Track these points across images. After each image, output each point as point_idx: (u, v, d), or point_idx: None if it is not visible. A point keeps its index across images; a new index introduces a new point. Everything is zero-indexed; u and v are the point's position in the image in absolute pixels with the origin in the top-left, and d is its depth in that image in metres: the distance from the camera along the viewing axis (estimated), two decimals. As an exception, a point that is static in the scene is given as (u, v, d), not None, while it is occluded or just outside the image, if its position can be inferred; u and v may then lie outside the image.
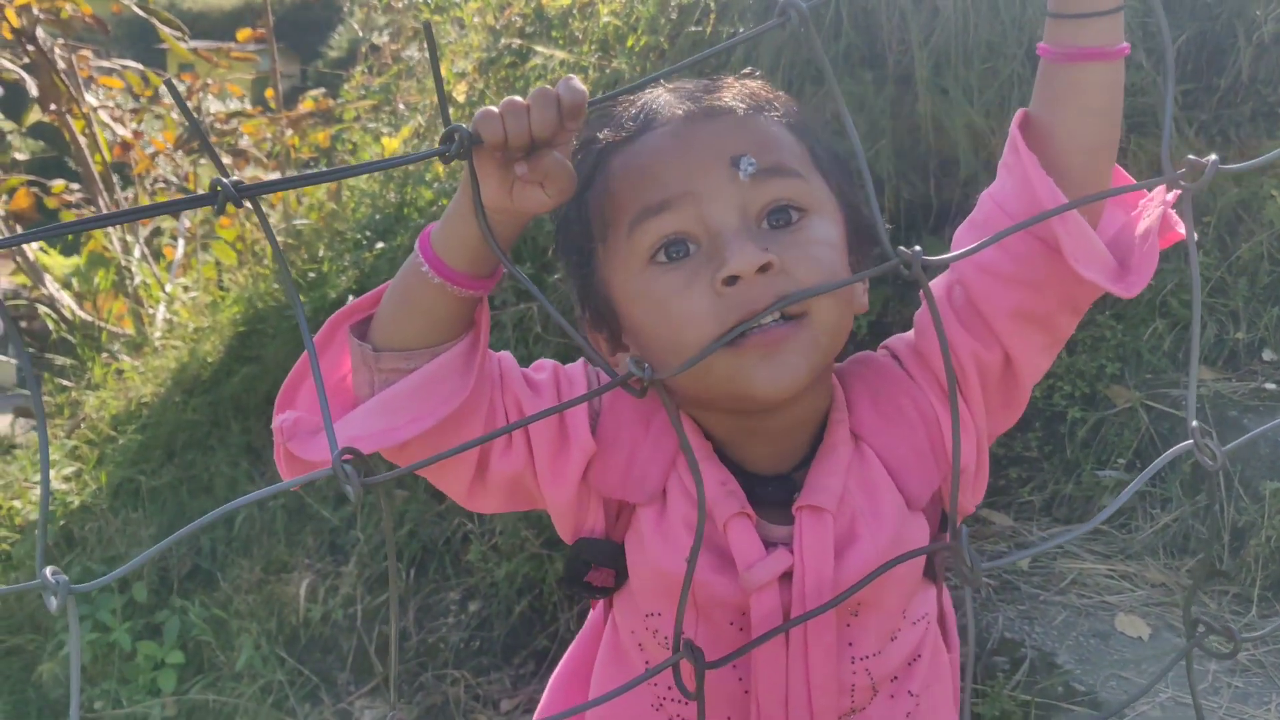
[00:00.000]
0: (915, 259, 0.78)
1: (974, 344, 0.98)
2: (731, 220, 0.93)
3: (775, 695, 0.99)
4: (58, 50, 5.20)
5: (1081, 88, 0.94)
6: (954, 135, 2.94)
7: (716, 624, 1.00)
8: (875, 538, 0.97)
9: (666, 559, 0.98)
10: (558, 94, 0.84)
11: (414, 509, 3.32)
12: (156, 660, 3.42)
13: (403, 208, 3.68)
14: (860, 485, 0.99)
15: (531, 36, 3.62)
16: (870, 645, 1.01)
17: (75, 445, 4.19)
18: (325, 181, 0.93)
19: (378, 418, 0.93)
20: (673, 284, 0.94)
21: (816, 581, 0.95)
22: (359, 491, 0.71)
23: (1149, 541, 2.62)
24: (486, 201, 0.84)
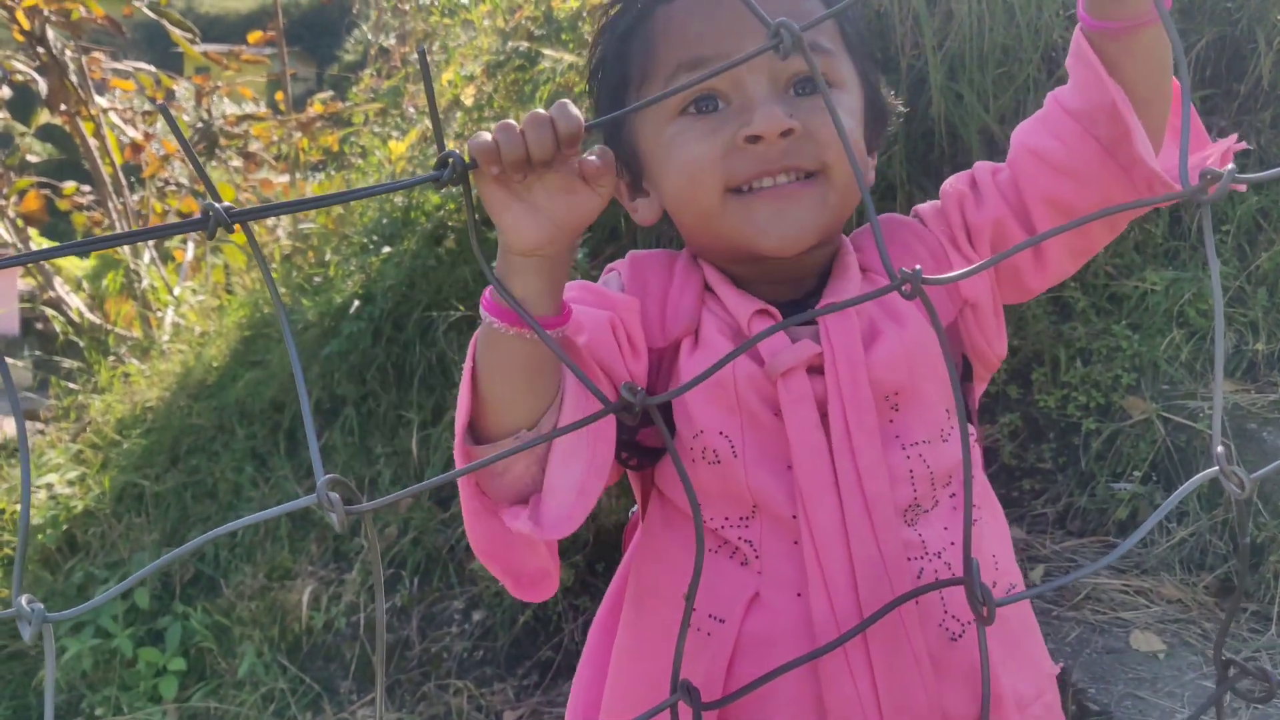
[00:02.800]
0: (915, 278, 0.75)
1: (1006, 211, 1.03)
2: (762, 85, 0.98)
3: (822, 482, 0.98)
4: (69, 52, 5.20)
5: (1131, 52, 0.96)
6: (968, 140, 2.89)
7: (762, 421, 1.00)
8: (899, 332, 1.00)
9: (705, 368, 1.02)
10: (552, 120, 0.84)
11: (418, 517, 3.28)
12: (158, 667, 3.40)
13: (409, 211, 3.65)
14: (874, 303, 1.02)
15: (540, 39, 3.58)
16: (919, 433, 1.01)
17: (80, 449, 4.17)
18: (317, 207, 0.91)
19: (563, 492, 0.94)
20: (698, 132, 1.00)
21: (850, 368, 0.98)
22: (344, 520, 0.69)
23: (1165, 556, 2.57)
24: (524, 241, 0.87)
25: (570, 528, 0.93)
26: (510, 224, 0.86)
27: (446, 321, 3.43)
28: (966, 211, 1.06)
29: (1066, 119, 1.00)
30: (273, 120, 5.48)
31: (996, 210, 1.04)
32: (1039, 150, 1.01)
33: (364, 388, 3.57)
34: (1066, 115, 1.00)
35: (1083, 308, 2.81)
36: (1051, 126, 1.01)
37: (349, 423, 3.56)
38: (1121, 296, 2.81)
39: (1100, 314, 2.83)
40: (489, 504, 0.97)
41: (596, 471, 0.93)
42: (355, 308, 3.53)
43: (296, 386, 0.96)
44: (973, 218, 1.05)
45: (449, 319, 3.42)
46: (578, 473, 0.93)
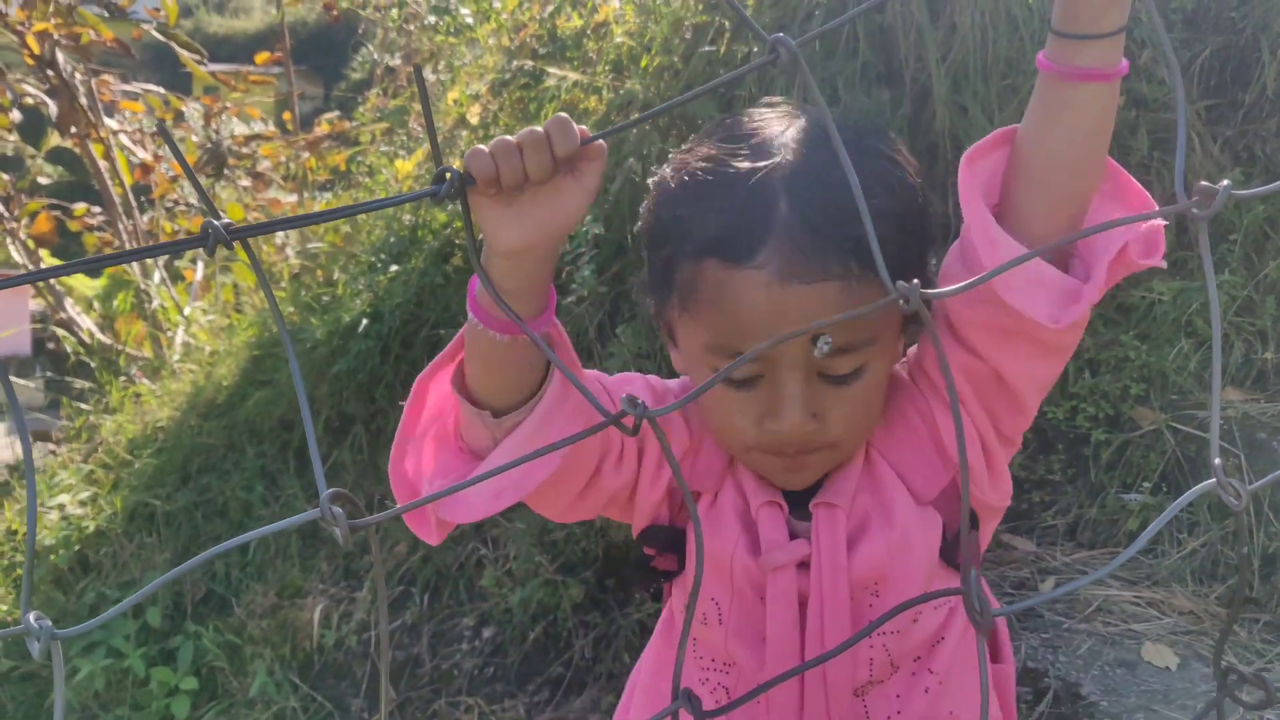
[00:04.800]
0: (913, 292, 0.75)
1: (960, 355, 1.03)
2: (795, 380, 1.00)
3: (789, 667, 1.07)
4: (78, 75, 5.24)
5: (1076, 105, 0.95)
6: (972, 153, 2.89)
7: (747, 601, 1.10)
8: (885, 531, 1.06)
9: (711, 542, 1.09)
10: (549, 139, 0.84)
11: (428, 534, 3.29)
12: (170, 686, 3.40)
13: (416, 230, 3.66)
14: (869, 485, 1.08)
15: (545, 58, 3.60)
16: (890, 624, 1.08)
17: (92, 469, 4.18)
18: (316, 223, 0.91)
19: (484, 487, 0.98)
20: (729, 398, 1.03)
21: (832, 570, 1.06)
22: (347, 535, 0.69)
23: (1176, 568, 2.56)
24: (509, 244, 0.87)
25: (465, 518, 0.98)
26: (495, 229, 0.87)
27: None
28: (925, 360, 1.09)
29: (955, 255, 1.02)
30: (280, 140, 5.51)
31: (953, 358, 1.03)
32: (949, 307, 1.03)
33: (372, 406, 3.58)
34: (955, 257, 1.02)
35: (1090, 318, 2.81)
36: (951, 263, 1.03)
37: (358, 440, 3.57)
38: (1129, 307, 2.80)
39: (1108, 324, 2.82)
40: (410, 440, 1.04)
41: (518, 489, 0.97)
42: (363, 326, 3.54)
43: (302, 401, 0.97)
44: (930, 367, 1.09)
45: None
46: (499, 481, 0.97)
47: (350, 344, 3.56)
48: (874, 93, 2.96)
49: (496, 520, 3.23)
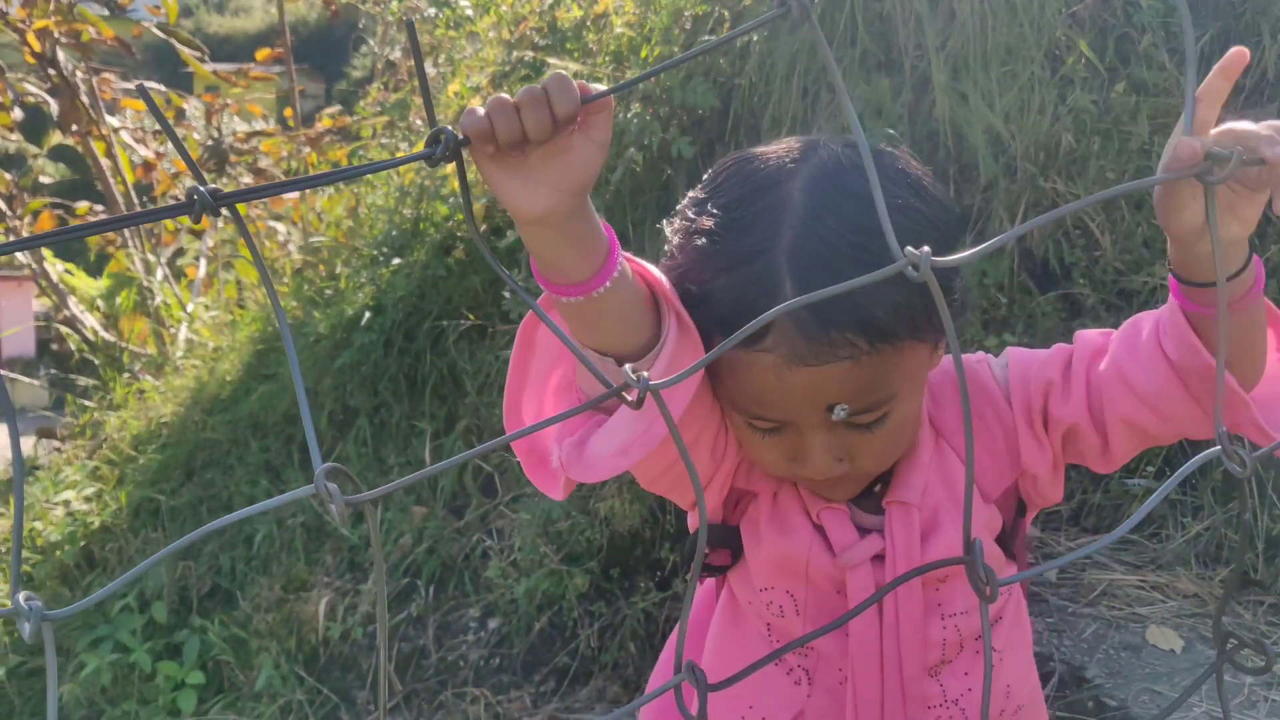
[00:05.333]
0: (924, 260, 0.75)
1: (1086, 418, 1.06)
2: (818, 435, 1.00)
3: (870, 654, 1.11)
4: (79, 74, 5.24)
5: (1214, 330, 0.96)
6: (973, 140, 2.89)
7: (823, 591, 1.11)
8: (957, 525, 1.08)
9: (783, 543, 1.10)
10: (548, 97, 0.80)
11: (433, 525, 3.29)
12: (176, 681, 3.41)
13: (419, 223, 3.66)
14: (941, 479, 1.09)
15: (545, 49, 3.60)
16: (959, 605, 1.12)
17: (96, 466, 4.19)
18: (305, 188, 0.90)
19: (635, 420, 0.92)
20: (763, 442, 1.03)
21: (907, 564, 1.07)
22: (342, 510, 0.68)
23: (1180, 551, 2.56)
24: (530, 211, 0.84)
25: (594, 477, 0.95)
26: (511, 197, 0.84)
27: (457, 331, 3.44)
28: (1051, 402, 1.08)
29: (1160, 361, 1.00)
30: (282, 136, 5.51)
31: (1078, 414, 1.06)
32: (1129, 379, 1.02)
33: (376, 398, 3.58)
34: (1162, 357, 1.00)
35: (1092, 304, 2.81)
36: (1145, 359, 1.01)
37: (362, 433, 3.57)
38: (1131, 292, 2.80)
39: (1110, 310, 2.82)
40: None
41: (644, 443, 0.93)
42: (366, 319, 3.54)
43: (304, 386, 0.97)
44: (1054, 410, 1.08)
45: (459, 328, 3.44)
46: (629, 434, 0.92)
47: (353, 337, 3.57)
48: (873, 80, 2.96)
49: (501, 511, 3.24)
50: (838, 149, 0.99)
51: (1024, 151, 2.89)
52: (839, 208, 0.94)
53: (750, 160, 1.01)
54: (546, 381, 1.01)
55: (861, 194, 0.94)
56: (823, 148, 1.00)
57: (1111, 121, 2.90)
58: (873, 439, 1.00)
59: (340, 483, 0.68)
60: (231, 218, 0.72)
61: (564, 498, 1.00)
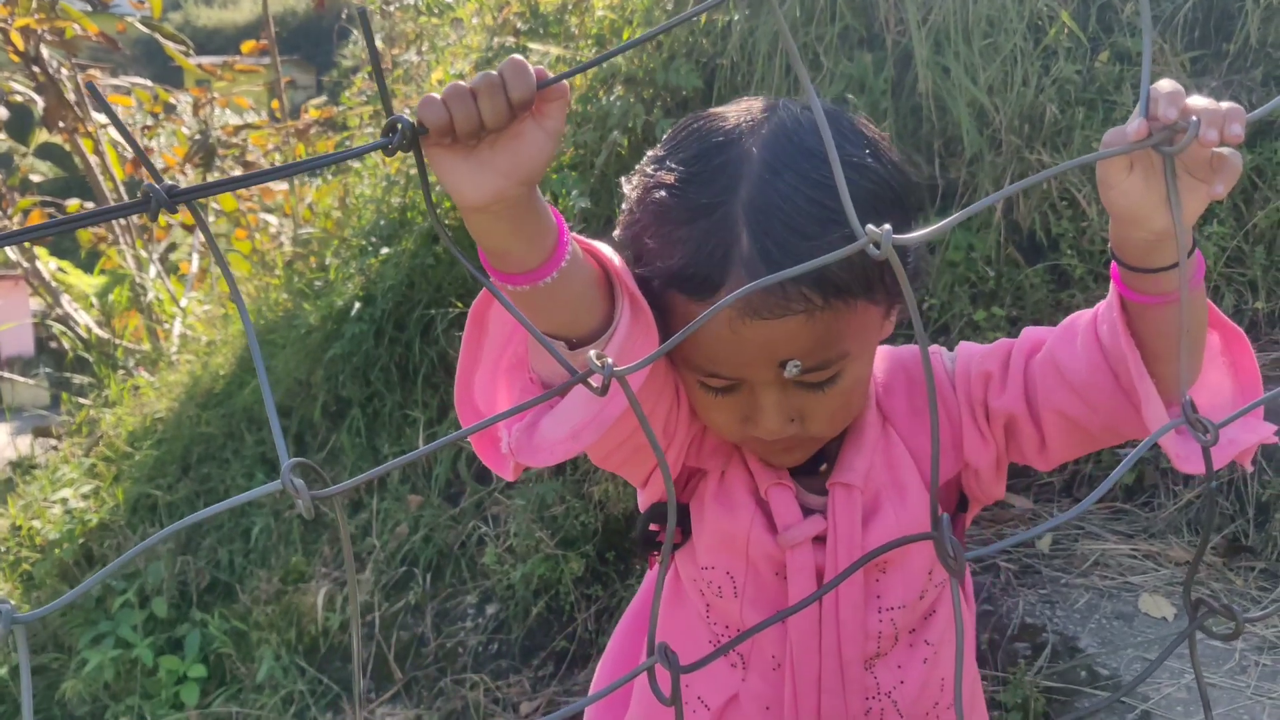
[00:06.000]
0: (885, 237, 0.74)
1: (1022, 409, 1.07)
2: (770, 393, 1.00)
3: (809, 640, 1.12)
4: (65, 70, 5.23)
5: (1158, 320, 0.97)
6: (957, 114, 2.89)
7: (763, 574, 1.12)
8: (898, 509, 1.09)
9: (725, 520, 1.11)
10: (504, 83, 0.78)
11: (428, 514, 3.30)
12: (179, 674, 3.43)
13: (406, 212, 3.66)
14: (885, 463, 1.10)
15: (528, 34, 3.59)
16: (897, 598, 1.13)
17: (93, 463, 4.20)
18: (264, 181, 0.89)
19: (587, 404, 0.92)
20: (710, 402, 1.03)
21: (848, 546, 1.08)
22: (309, 505, 0.68)
23: (1172, 519, 2.57)
24: (472, 198, 0.82)
25: (544, 461, 0.94)
26: (456, 183, 0.81)
27: (447, 319, 3.44)
28: (990, 393, 1.09)
29: (1094, 347, 1.01)
30: (270, 128, 5.50)
31: (1013, 405, 1.07)
32: (1062, 366, 1.03)
33: (369, 388, 3.59)
34: (1095, 343, 1.01)
35: (1080, 275, 2.81)
36: (1080, 347, 1.02)
37: (355, 424, 3.58)
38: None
39: (1098, 280, 2.82)
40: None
41: (596, 427, 0.92)
42: (356, 310, 3.54)
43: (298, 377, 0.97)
44: (992, 402, 1.09)
45: (449, 316, 3.44)
46: (580, 418, 0.92)
47: (344, 328, 3.57)
48: (855, 56, 2.95)
49: (496, 497, 3.25)
50: (797, 110, 1.00)
51: (1008, 124, 2.89)
52: (797, 164, 0.94)
53: (710, 119, 1.01)
54: (498, 361, 1.00)
55: (819, 153, 0.94)
56: (782, 108, 1.00)
57: (1096, 91, 2.89)
58: (824, 399, 1.00)
59: (307, 477, 0.69)
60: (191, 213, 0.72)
61: (514, 479, 1.00)
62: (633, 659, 1.37)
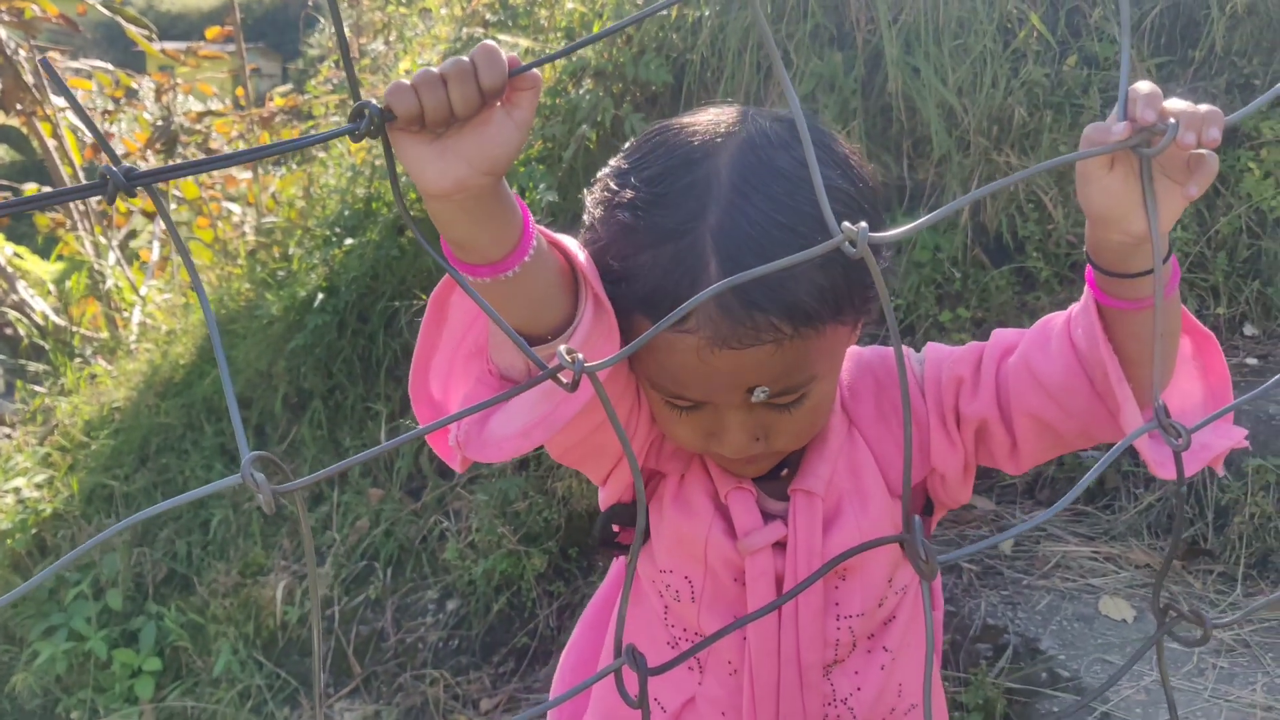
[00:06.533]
0: (861, 235, 0.73)
1: (994, 414, 1.05)
2: (736, 414, 0.98)
3: (768, 646, 1.11)
4: (23, 52, 5.13)
5: (1132, 324, 0.96)
6: (926, 114, 2.89)
7: (721, 580, 1.11)
8: (859, 516, 1.08)
9: (684, 524, 1.10)
10: (475, 70, 0.76)
11: (389, 508, 3.27)
12: (133, 668, 3.38)
13: (371, 202, 3.62)
14: (848, 468, 1.09)
15: (496, 26, 3.56)
16: (856, 607, 1.12)
17: (48, 452, 4.13)
18: (226, 165, 0.88)
19: (538, 403, 0.91)
20: (674, 418, 1.01)
21: (807, 553, 1.07)
22: (269, 500, 0.66)
23: (1133, 522, 2.58)
24: (435, 186, 0.80)
25: (492, 457, 0.92)
26: (420, 169, 0.79)
27: (411, 312, 3.41)
28: (961, 399, 1.07)
29: (1068, 351, 0.99)
30: (234, 115, 5.43)
31: (985, 410, 1.05)
32: (1035, 370, 1.01)
33: (331, 380, 3.55)
34: (1069, 347, 0.99)
35: (1045, 277, 2.82)
36: (1054, 351, 1.00)
37: (317, 416, 3.54)
38: (1083, 265, 2.81)
39: (1063, 283, 2.84)
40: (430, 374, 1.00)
41: (547, 427, 0.91)
42: (319, 301, 3.50)
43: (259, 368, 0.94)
44: (964, 408, 1.07)
45: (413, 309, 3.40)
46: (531, 417, 0.90)
47: (306, 319, 3.53)
48: (826, 55, 2.94)
49: (458, 492, 3.22)
50: (765, 123, 0.96)
51: (977, 125, 2.90)
52: (767, 187, 0.91)
53: (676, 131, 0.97)
54: (457, 348, 0.98)
55: (790, 173, 0.91)
56: (750, 121, 0.96)
57: (1064, 95, 2.91)
58: (790, 418, 0.99)
59: (268, 471, 0.67)
60: (151, 199, 0.70)
61: (462, 470, 0.98)
62: (595, 654, 1.36)
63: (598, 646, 1.35)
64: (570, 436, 0.99)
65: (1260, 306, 2.78)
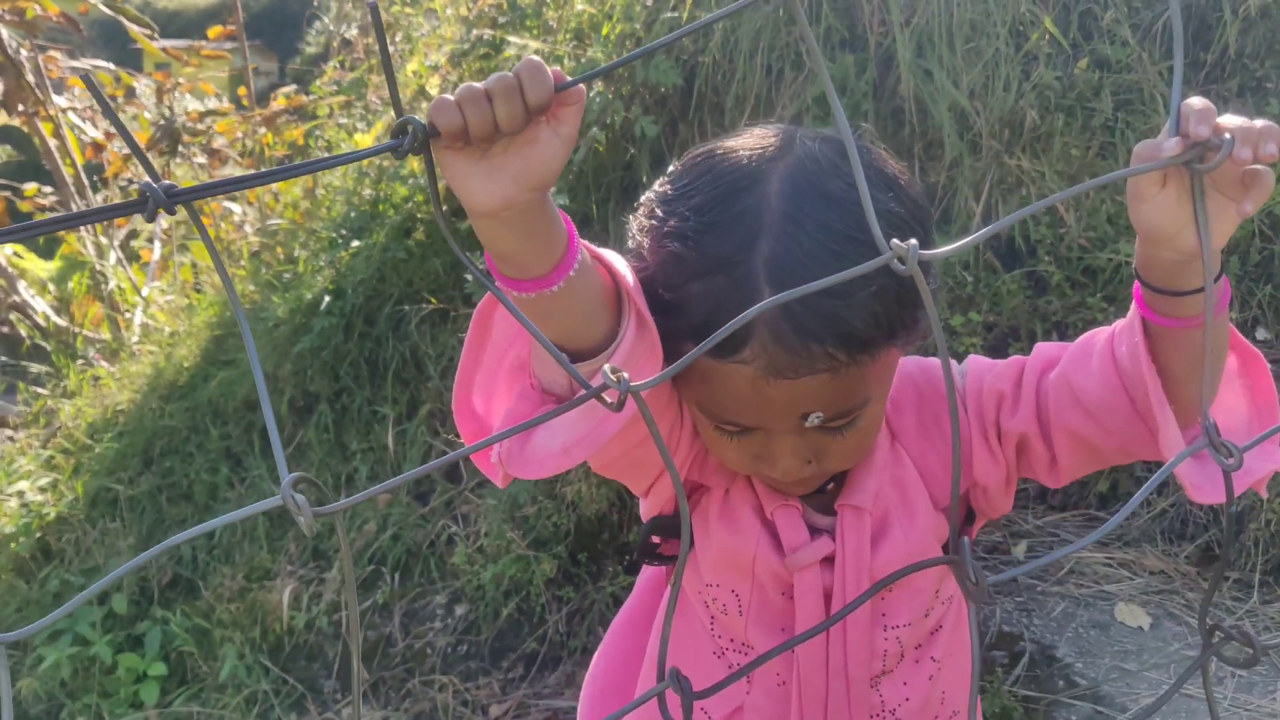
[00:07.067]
0: (911, 252, 0.72)
1: (1034, 429, 1.05)
2: (789, 439, 0.98)
3: (816, 659, 1.11)
4: (24, 51, 5.11)
5: (1180, 343, 0.95)
6: (938, 116, 2.88)
7: (769, 594, 1.11)
8: (906, 531, 1.08)
9: (730, 539, 1.09)
10: (521, 85, 0.75)
11: (397, 512, 3.26)
12: (138, 673, 3.36)
13: (378, 204, 3.60)
14: (894, 483, 1.09)
15: (505, 27, 3.54)
16: (903, 617, 1.12)
17: (51, 455, 4.11)
18: (264, 184, 0.87)
19: (580, 420, 0.89)
20: (726, 442, 1.01)
21: (856, 568, 1.07)
22: (310, 522, 0.65)
23: (1147, 528, 2.57)
24: (483, 204, 0.79)
25: (533, 474, 0.92)
26: (467, 188, 0.78)
27: (418, 315, 3.39)
28: (1002, 414, 1.07)
29: (1110, 368, 0.98)
30: (236, 115, 5.41)
31: (1025, 425, 1.05)
32: (1076, 387, 1.01)
33: (337, 384, 3.53)
34: (1112, 365, 0.98)
35: (1057, 281, 2.81)
36: (1096, 368, 1.00)
37: (323, 419, 3.52)
38: (1096, 269, 2.80)
39: (1075, 287, 2.82)
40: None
41: (589, 445, 0.90)
42: (326, 303, 3.48)
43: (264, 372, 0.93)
44: (1005, 423, 1.06)
45: (421, 312, 3.39)
46: (574, 434, 0.89)
47: (313, 321, 3.51)
48: (838, 57, 2.93)
49: (467, 496, 3.21)
50: (813, 145, 0.95)
51: (989, 128, 2.88)
52: (819, 214, 0.90)
53: (722, 156, 0.96)
54: (500, 363, 0.97)
55: (841, 198, 0.90)
56: (798, 144, 0.95)
57: (1075, 98, 2.89)
58: (843, 441, 0.99)
59: (306, 492, 0.65)
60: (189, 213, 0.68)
61: (504, 485, 0.99)
62: (626, 663, 1.35)
63: (628, 655, 1.34)
64: (611, 452, 0.98)
65: (1273, 310, 2.76)
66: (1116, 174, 0.85)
